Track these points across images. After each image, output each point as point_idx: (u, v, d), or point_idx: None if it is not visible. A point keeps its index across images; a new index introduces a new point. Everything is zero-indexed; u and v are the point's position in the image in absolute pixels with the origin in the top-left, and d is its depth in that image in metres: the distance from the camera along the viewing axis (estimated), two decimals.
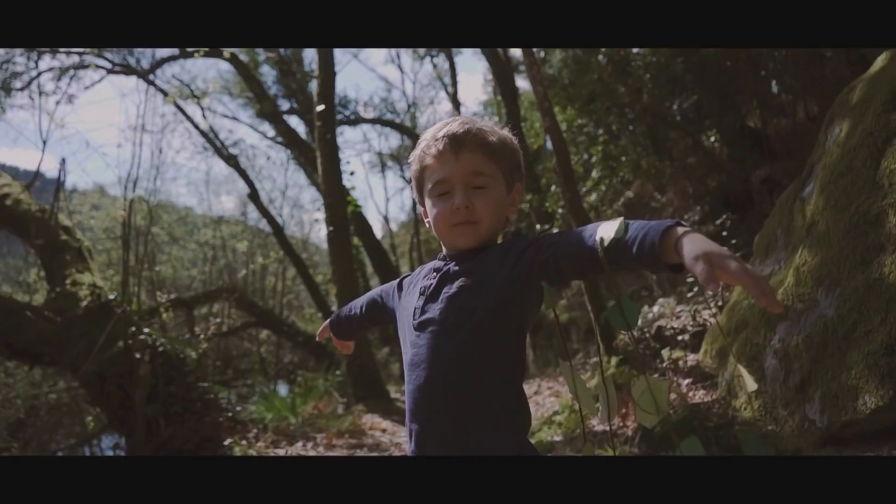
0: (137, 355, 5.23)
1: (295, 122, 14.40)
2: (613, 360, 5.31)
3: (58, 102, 10.73)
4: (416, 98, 16.48)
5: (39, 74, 10.84)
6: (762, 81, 7.11)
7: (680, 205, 7.72)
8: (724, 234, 5.75)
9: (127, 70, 10.96)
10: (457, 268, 1.38)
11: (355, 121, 13.64)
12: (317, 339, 1.92)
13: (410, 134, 14.20)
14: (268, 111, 11.23)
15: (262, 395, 8.51)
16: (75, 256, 5.93)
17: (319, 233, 17.53)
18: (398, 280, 1.60)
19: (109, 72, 11.08)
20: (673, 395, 4.40)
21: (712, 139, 7.87)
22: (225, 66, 11.97)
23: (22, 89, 11.01)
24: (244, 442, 5.43)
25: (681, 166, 7.72)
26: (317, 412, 6.85)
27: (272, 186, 16.89)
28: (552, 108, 4.92)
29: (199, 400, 5.43)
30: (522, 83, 12.84)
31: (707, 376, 4.52)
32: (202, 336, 6.28)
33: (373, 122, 13.96)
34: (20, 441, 10.56)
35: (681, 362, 4.81)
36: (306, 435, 5.91)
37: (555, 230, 7.04)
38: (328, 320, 1.86)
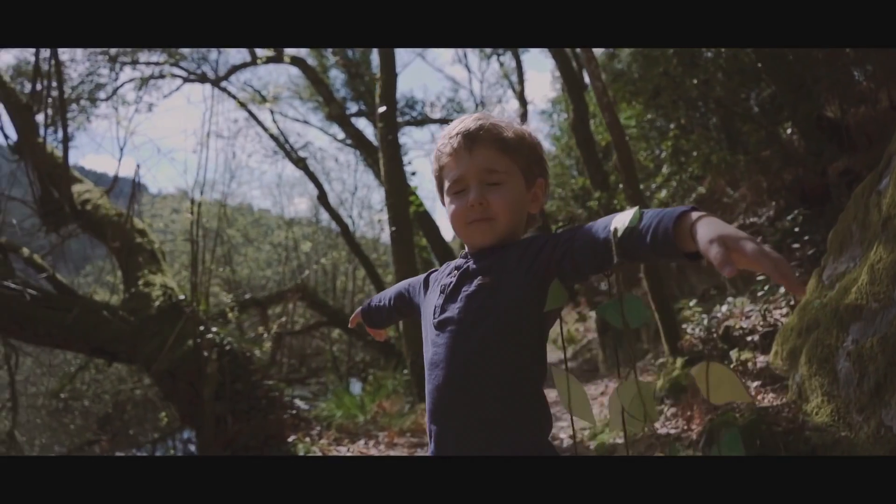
0: (205, 354, 5.40)
1: (363, 124, 14.65)
2: (679, 362, 5.14)
3: (137, 111, 11.19)
4: (483, 97, 16.45)
5: (122, 85, 11.40)
6: (841, 70, 6.74)
7: (753, 200, 7.40)
8: (797, 230, 5.48)
9: (201, 79, 11.37)
10: (475, 266, 1.36)
11: (422, 121, 13.74)
12: (349, 325, 1.93)
13: None
14: (335, 114, 11.43)
15: (333, 393, 8.68)
16: (149, 258, 6.18)
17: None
18: (426, 275, 1.57)
19: (185, 80, 11.53)
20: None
21: (788, 131, 7.52)
22: (295, 71, 12.26)
23: (106, 99, 11.59)
24: (307, 439, 5.53)
25: (754, 160, 7.41)
26: (382, 411, 6.90)
27: (342, 188, 17.18)
28: (611, 103, 4.81)
29: (264, 397, 5.57)
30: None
31: (777, 379, 4.31)
32: (265, 335, 6.42)
33: (440, 122, 13.99)
34: (108, 433, 11.11)
35: (749, 364, 4.61)
36: (369, 433, 5.98)
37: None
38: (360, 308, 1.86)
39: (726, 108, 7.69)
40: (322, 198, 11.54)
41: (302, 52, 12.08)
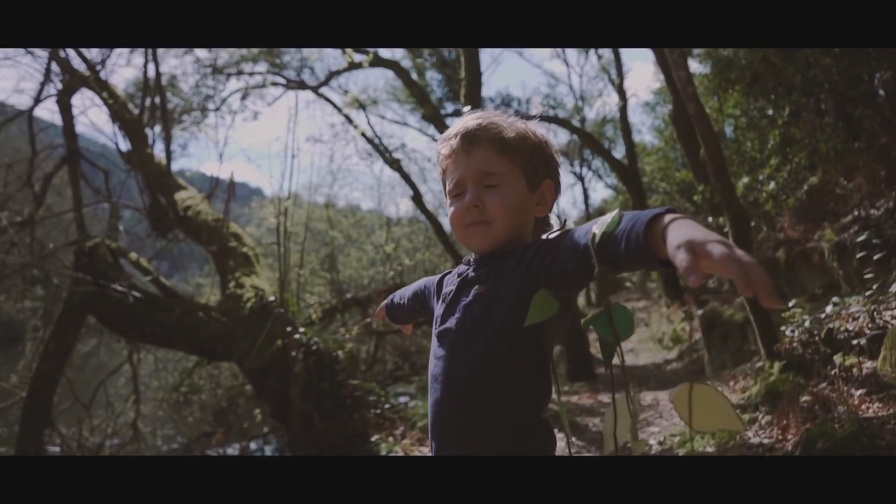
0: (293, 354, 5.56)
1: None
2: (776, 366, 4.80)
3: (244, 119, 11.71)
4: (583, 91, 16.08)
5: (229, 95, 11.99)
6: None
7: (870, 190, 6.80)
8: None
9: (301, 85, 11.77)
10: (474, 274, 1.29)
11: (520, 118, 13.43)
12: (375, 319, 1.90)
13: (576, 130, 13.87)
14: (429, 114, 11.52)
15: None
16: (243, 261, 6.44)
17: None
18: (441, 276, 1.50)
19: (287, 87, 11.97)
20: (841, 408, 3.87)
21: None
22: (392, 73, 12.44)
23: (216, 109, 12.23)
24: (390, 439, 5.58)
25: (871, 147, 6.82)
26: None
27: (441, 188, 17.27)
28: (696, 93, 4.55)
29: (349, 397, 5.66)
30: (696, 66, 12.08)
31: (884, 387, 3.92)
32: (346, 336, 6.55)
33: (537, 118, 13.71)
34: (223, 426, 11.68)
35: (854, 370, 4.23)
36: None
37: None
38: (384, 302, 1.81)
39: (840, 93, 7.12)
40: (416, 198, 11.67)
41: (397, 55, 12.29)
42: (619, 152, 15.61)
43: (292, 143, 11.32)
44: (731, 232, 4.82)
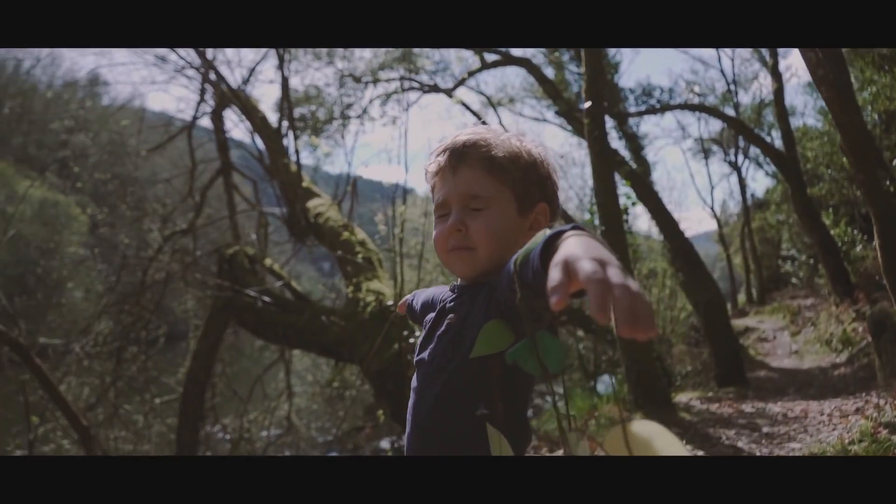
0: (408, 357, 5.64)
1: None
2: None
3: (383, 125, 12.09)
4: (736, 75, 14.97)
5: (370, 102, 12.41)
6: None
7: None
8: None
9: (434, 89, 11.95)
10: (452, 303, 1.21)
11: (662, 108, 12.91)
12: (398, 311, 1.83)
13: (724, 118, 12.98)
14: (563, 110, 11.27)
15: (567, 394, 8.53)
16: (366, 266, 6.63)
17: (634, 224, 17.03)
18: (433, 295, 1.40)
19: (424, 91, 12.20)
20: None
21: None
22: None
23: (359, 117, 12.70)
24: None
25: None
26: (594, 418, 6.62)
27: (583, 183, 16.84)
28: (828, 75, 4.05)
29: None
30: None
31: None
32: None
33: (681, 107, 13.05)
34: (373, 421, 12.12)
35: None
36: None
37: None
38: (407, 298, 1.76)
39: None
40: None
41: (529, 51, 12.13)
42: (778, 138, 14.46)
43: (403, 147, 11.39)
44: (876, 228, 4.27)
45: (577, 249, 0.67)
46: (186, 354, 10.61)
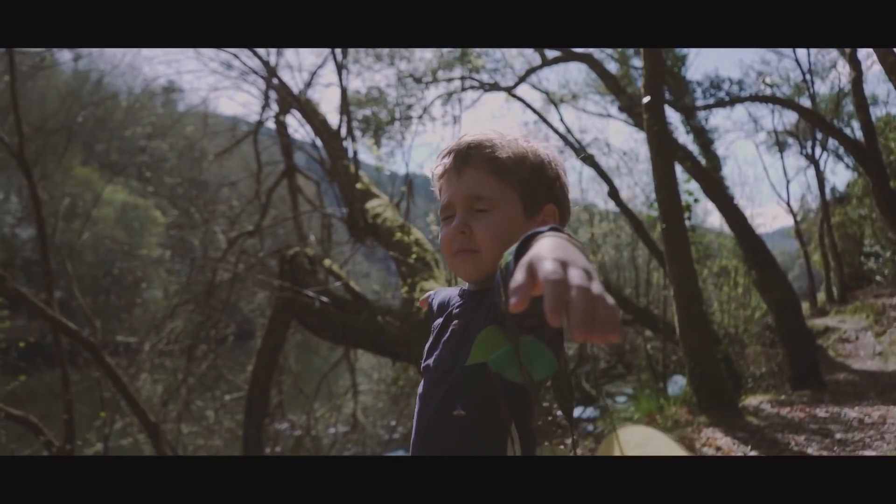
0: None
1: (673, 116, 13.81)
2: None
3: (444, 124, 12.13)
4: (812, 64, 14.31)
5: (431, 102, 12.45)
6: None
7: None
8: None
9: (495, 87, 11.90)
10: (458, 309, 1.19)
11: (732, 101, 12.47)
12: (418, 304, 1.82)
13: (798, 108, 12.43)
14: (625, 105, 11.03)
15: (635, 394, 8.43)
16: (422, 266, 6.65)
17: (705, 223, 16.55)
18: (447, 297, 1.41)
19: (485, 90, 12.16)
20: None
21: None
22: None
23: (420, 117, 12.76)
24: (561, 447, 5.42)
25: None
26: (656, 419, 6.45)
27: (649, 180, 16.45)
28: None
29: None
30: None
31: None
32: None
33: (751, 99, 12.57)
34: None
35: None
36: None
37: None
38: (430, 293, 1.74)
39: None
40: (612, 193, 11.21)
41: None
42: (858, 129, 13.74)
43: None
44: None
45: (543, 250, 0.65)
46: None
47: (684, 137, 11.94)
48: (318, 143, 8.70)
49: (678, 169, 8.20)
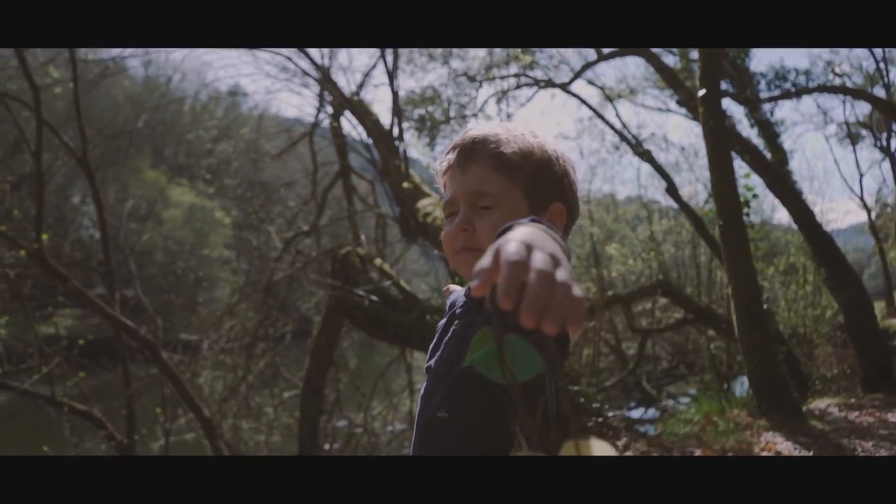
0: None
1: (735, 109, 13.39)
2: None
3: (500, 122, 12.03)
4: (885, 52, 13.57)
5: (485, 101, 12.39)
6: None
7: None
8: None
9: (550, 84, 11.74)
10: (460, 308, 1.17)
11: (798, 92, 11.96)
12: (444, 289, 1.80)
13: (868, 98, 11.84)
14: (683, 99, 10.71)
15: (697, 395, 8.24)
16: None
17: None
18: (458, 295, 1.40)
19: (540, 87, 12.02)
20: None
21: None
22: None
23: (475, 115, 12.72)
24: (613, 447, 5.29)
25: None
26: (712, 423, 6.25)
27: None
28: None
29: (568, 403, 5.50)
30: None
31: None
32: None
33: (819, 90, 12.03)
34: None
35: None
36: (682, 448, 5.45)
37: None
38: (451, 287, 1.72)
39: None
40: (671, 189, 10.91)
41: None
42: None
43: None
44: None
45: (514, 235, 0.62)
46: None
47: (748, 131, 11.53)
48: (370, 143, 8.77)
49: (738, 163, 7.93)
